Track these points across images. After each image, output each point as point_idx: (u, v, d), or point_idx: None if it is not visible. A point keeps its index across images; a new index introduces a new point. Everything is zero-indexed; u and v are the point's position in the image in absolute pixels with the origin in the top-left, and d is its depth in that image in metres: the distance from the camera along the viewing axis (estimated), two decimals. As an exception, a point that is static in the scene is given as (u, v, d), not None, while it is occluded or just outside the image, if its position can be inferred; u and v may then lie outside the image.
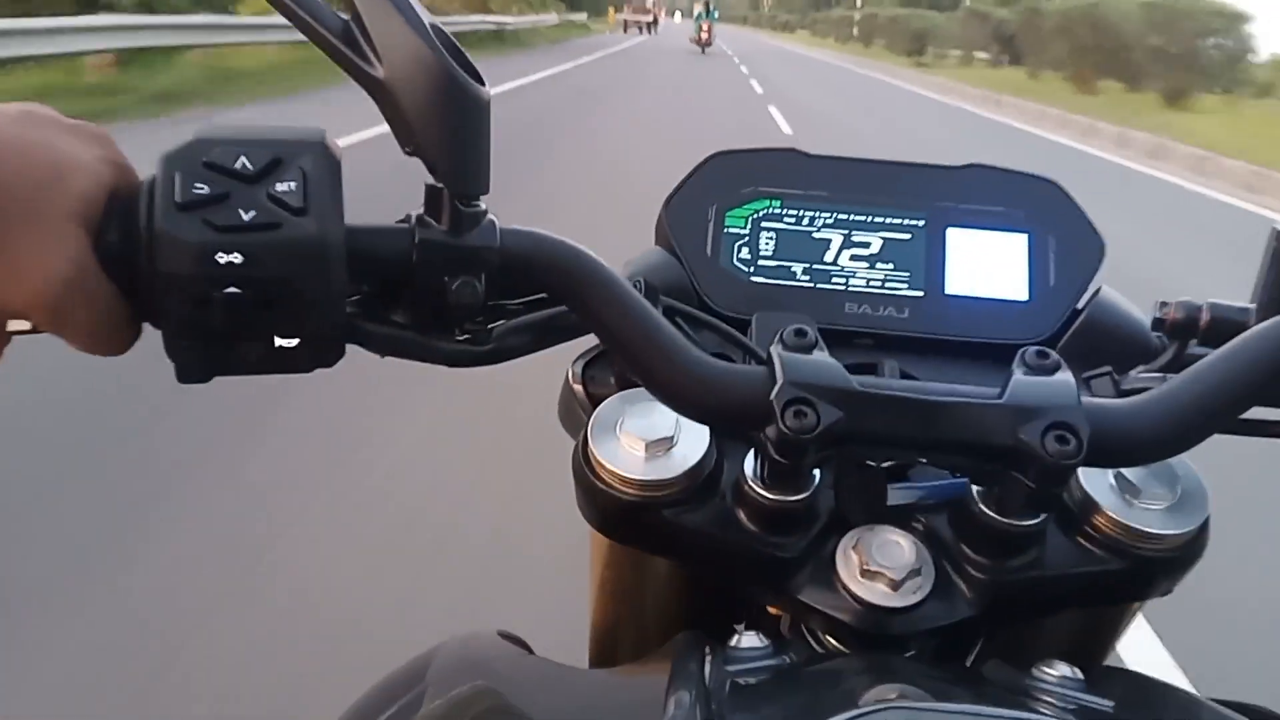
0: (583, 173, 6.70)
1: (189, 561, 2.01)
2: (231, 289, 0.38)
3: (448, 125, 0.41)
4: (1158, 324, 0.58)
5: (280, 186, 0.38)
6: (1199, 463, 0.49)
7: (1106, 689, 0.41)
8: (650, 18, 49.28)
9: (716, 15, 34.13)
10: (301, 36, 0.41)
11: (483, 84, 0.41)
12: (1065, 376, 0.43)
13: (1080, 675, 0.42)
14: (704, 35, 29.23)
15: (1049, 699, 0.40)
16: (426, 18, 0.40)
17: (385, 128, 0.41)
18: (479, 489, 2.37)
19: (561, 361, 0.60)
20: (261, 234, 0.38)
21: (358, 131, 5.47)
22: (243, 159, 0.38)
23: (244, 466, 2.41)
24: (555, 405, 0.62)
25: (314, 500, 2.27)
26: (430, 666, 0.48)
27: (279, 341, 0.40)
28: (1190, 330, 0.56)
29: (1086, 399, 0.42)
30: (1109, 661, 0.56)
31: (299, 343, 0.40)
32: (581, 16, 48.89)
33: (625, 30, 48.45)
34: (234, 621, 1.83)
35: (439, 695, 0.45)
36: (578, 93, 12.72)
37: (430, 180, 0.42)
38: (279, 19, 0.41)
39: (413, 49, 0.39)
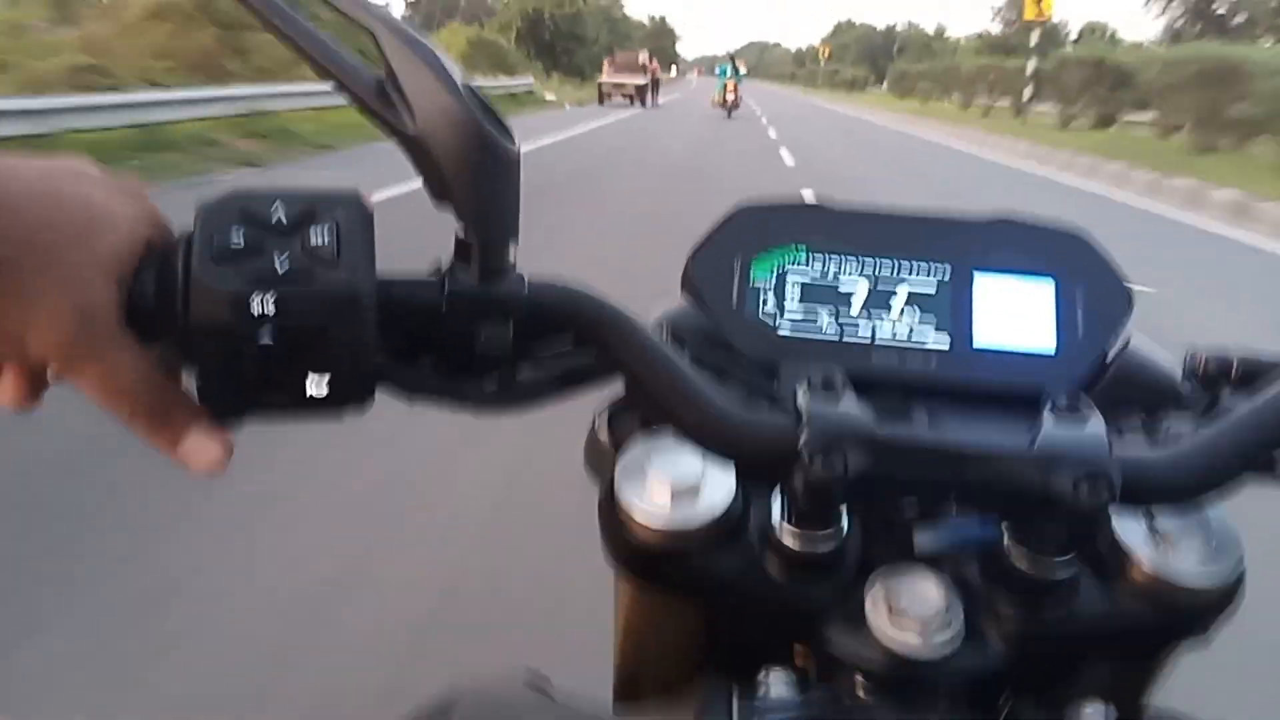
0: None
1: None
2: (265, 338, 0.39)
3: (478, 180, 0.42)
4: (1188, 373, 0.57)
5: (314, 239, 0.39)
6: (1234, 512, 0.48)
7: None
8: (643, 79, 29.73)
9: (744, 74, 28.45)
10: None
11: (513, 141, 0.42)
12: (1095, 425, 0.42)
13: (1115, 714, 0.41)
14: (729, 97, 24.96)
15: None
16: (458, 76, 0.41)
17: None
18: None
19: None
20: (295, 285, 0.39)
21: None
22: (278, 212, 0.39)
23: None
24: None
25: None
26: (452, 710, 0.48)
27: (310, 389, 0.41)
28: (1221, 379, 0.56)
29: (1118, 447, 0.42)
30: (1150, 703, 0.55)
31: (330, 390, 0.41)
32: (527, 81, 30.15)
33: (602, 101, 29.68)
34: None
35: None
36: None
37: (460, 233, 0.43)
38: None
39: (445, 106, 0.41)
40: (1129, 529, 0.48)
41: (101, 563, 2.17)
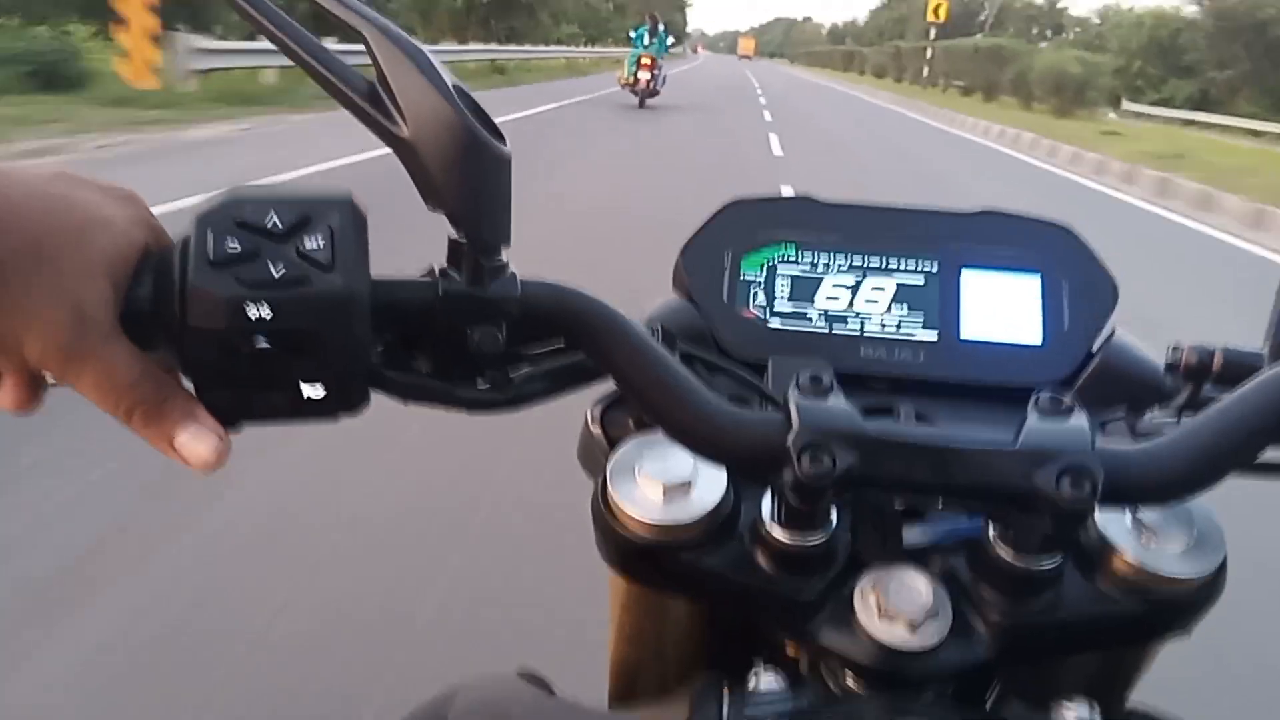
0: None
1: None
2: (261, 341, 0.39)
3: (470, 182, 0.42)
4: (1170, 367, 0.58)
5: (309, 243, 0.40)
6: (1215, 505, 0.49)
7: None
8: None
9: (670, 44, 19.68)
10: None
11: (504, 142, 0.43)
12: (1079, 420, 0.43)
13: (1099, 715, 0.42)
14: (641, 76, 15.59)
15: None
16: (449, 79, 0.42)
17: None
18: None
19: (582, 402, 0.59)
20: (290, 289, 0.39)
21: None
22: (273, 217, 0.40)
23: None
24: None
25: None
26: (449, 712, 0.49)
27: (306, 391, 0.42)
28: (1204, 373, 0.57)
29: (1101, 443, 0.43)
30: (1130, 700, 0.56)
31: (325, 392, 0.42)
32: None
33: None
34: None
35: None
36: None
37: (453, 235, 0.44)
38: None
39: (436, 109, 0.41)
40: (1112, 522, 0.49)
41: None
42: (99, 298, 0.38)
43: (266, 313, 0.39)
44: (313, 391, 0.42)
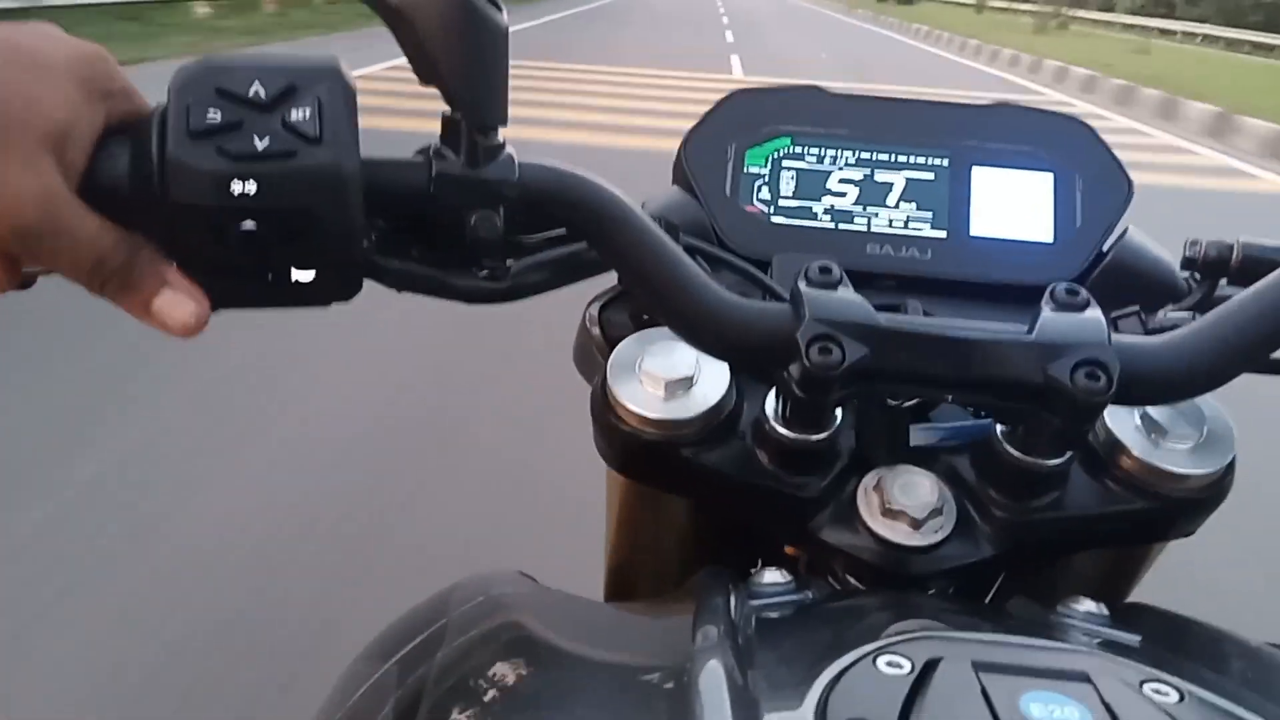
0: None
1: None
2: (247, 223, 0.37)
3: (466, 54, 0.40)
4: (1188, 263, 0.57)
5: (295, 114, 0.37)
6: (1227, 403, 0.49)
7: (1132, 623, 0.41)
8: None
9: None
10: None
11: (500, 10, 0.40)
12: (1095, 314, 0.42)
13: (1105, 611, 0.42)
14: None
15: (1074, 633, 0.40)
16: None
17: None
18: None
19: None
20: (276, 162, 0.37)
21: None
22: (256, 86, 0.37)
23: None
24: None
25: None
26: (449, 603, 0.48)
27: (295, 275, 0.40)
28: (1221, 269, 0.55)
29: (1116, 336, 0.41)
30: (1133, 598, 0.56)
31: (315, 276, 0.40)
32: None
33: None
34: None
35: (461, 629, 0.45)
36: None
37: (448, 111, 0.41)
38: None
39: None
40: (1120, 418, 0.48)
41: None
42: (56, 175, 0.36)
43: (251, 188, 0.37)
44: (302, 275, 0.40)
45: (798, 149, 0.60)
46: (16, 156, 0.35)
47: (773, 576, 0.44)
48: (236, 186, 0.37)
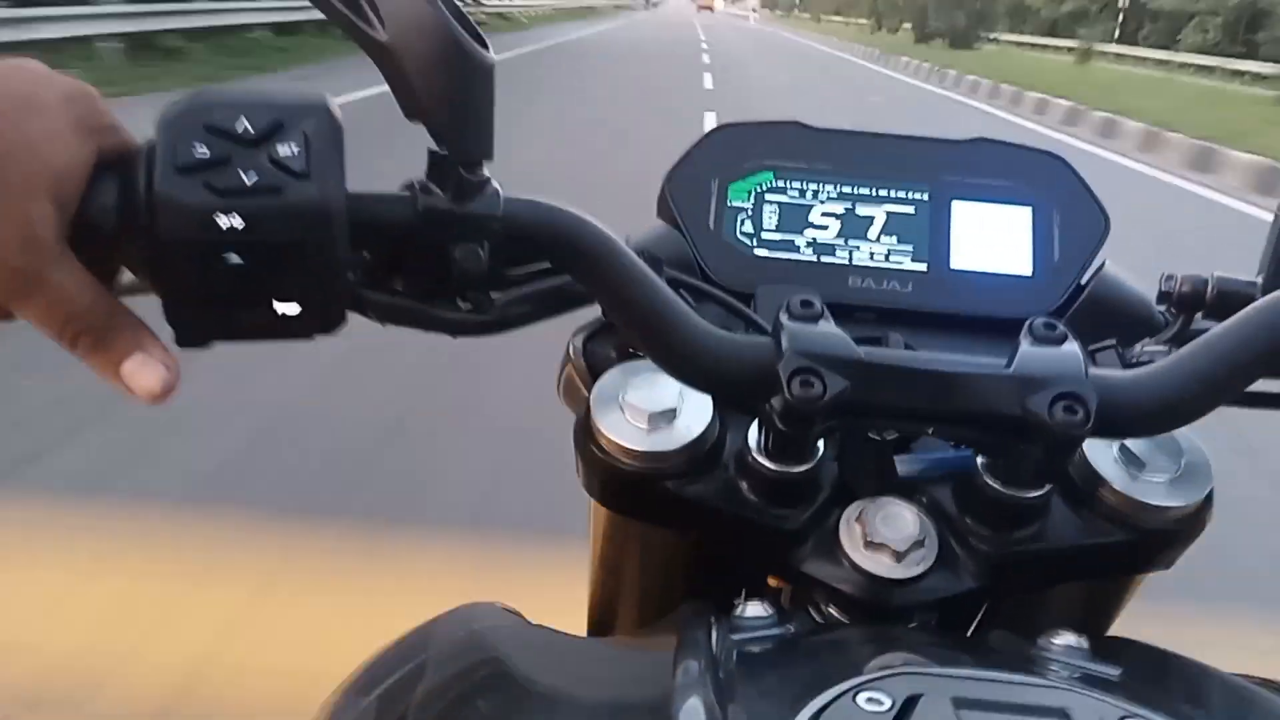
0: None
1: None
2: (233, 257, 0.37)
3: (452, 90, 0.40)
4: (1163, 297, 0.58)
5: (282, 150, 0.38)
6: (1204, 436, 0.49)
7: (1112, 658, 0.41)
8: None
9: None
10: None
11: (487, 48, 0.41)
12: (1072, 348, 0.42)
13: (1085, 644, 0.42)
14: None
15: (1054, 667, 0.40)
16: None
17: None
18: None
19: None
20: (263, 198, 0.37)
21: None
22: (244, 121, 0.38)
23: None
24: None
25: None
26: (431, 637, 0.48)
27: (280, 308, 0.40)
28: (1196, 303, 0.56)
29: (1094, 370, 0.42)
30: (1114, 632, 0.56)
31: (301, 309, 0.40)
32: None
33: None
34: None
35: (441, 665, 0.44)
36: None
37: (433, 147, 0.42)
38: None
39: (416, 12, 0.39)
40: (1099, 451, 0.49)
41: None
42: (44, 218, 0.35)
43: (239, 223, 0.37)
44: (287, 309, 0.40)
45: (780, 183, 0.60)
46: (8, 200, 0.34)
47: (755, 610, 0.44)
48: (223, 221, 0.37)
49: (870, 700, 0.33)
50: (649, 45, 22.95)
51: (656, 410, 0.49)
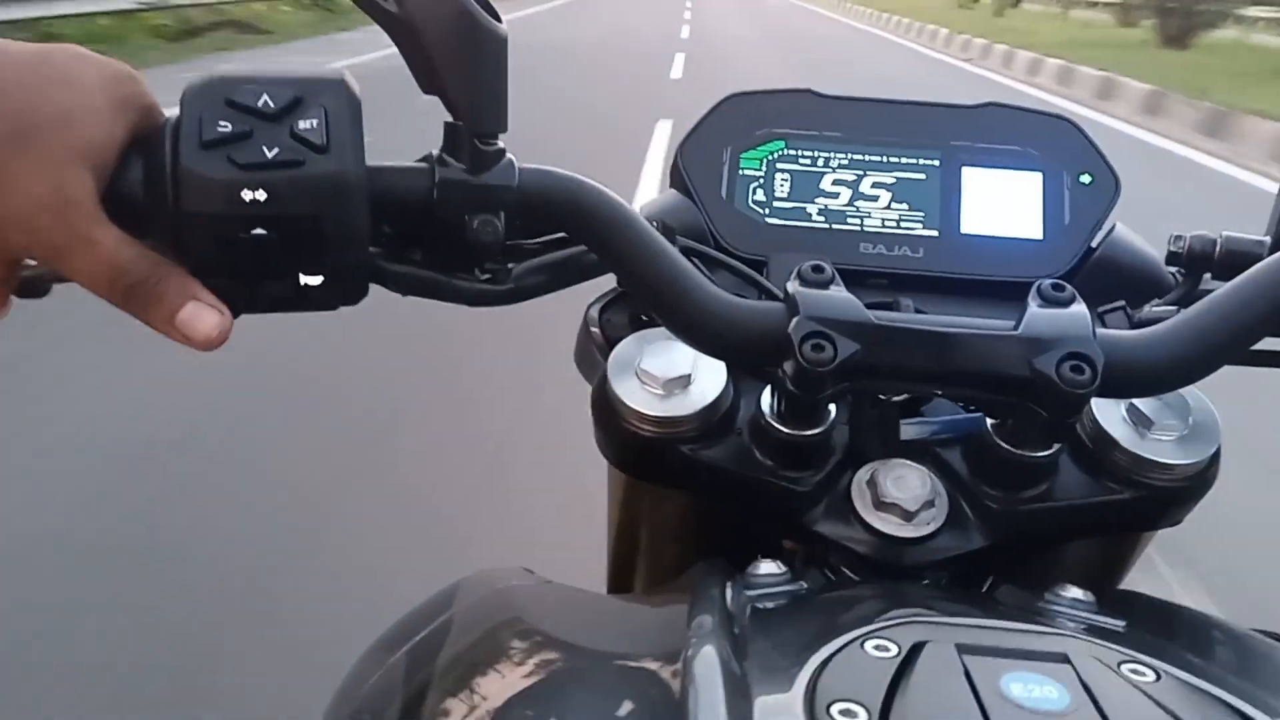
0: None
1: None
2: (258, 229, 0.39)
3: (466, 63, 0.41)
4: (1172, 258, 0.58)
5: (302, 124, 0.39)
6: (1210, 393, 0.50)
7: (1118, 610, 0.42)
8: None
9: None
10: None
11: (500, 21, 0.41)
12: (1080, 308, 0.43)
13: (1092, 598, 0.43)
14: None
15: (1058, 618, 0.41)
16: None
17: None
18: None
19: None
20: (285, 171, 0.38)
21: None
22: (265, 97, 0.39)
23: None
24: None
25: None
26: (456, 598, 0.50)
27: (304, 280, 0.41)
28: (1204, 263, 0.57)
29: (1101, 330, 0.43)
30: (1122, 587, 0.57)
31: (323, 281, 0.41)
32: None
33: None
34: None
35: (465, 624, 0.46)
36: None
37: (449, 119, 0.43)
38: None
39: None
40: (1107, 411, 0.49)
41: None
42: (82, 183, 0.37)
43: (261, 195, 0.38)
44: (310, 280, 0.41)
45: (791, 151, 0.61)
46: (43, 167, 0.36)
47: (768, 568, 0.45)
48: (246, 195, 0.38)
49: (878, 647, 0.34)
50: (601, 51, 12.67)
51: (671, 376, 0.50)
